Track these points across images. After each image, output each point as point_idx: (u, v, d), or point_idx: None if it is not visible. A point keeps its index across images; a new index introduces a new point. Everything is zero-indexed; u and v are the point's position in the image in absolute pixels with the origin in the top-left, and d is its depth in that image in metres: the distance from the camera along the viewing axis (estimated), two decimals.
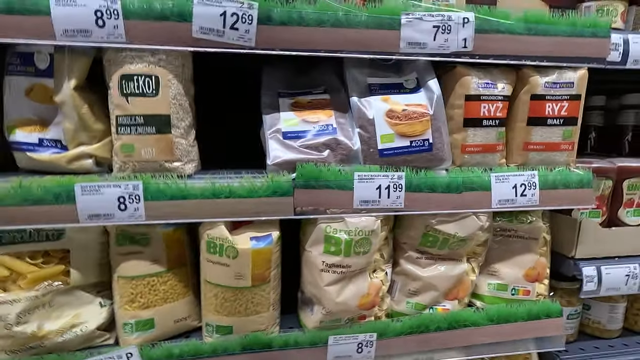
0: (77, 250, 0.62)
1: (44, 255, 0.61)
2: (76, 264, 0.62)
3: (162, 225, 0.64)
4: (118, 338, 0.65)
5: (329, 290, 0.65)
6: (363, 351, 0.71)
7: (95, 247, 0.63)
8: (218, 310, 0.64)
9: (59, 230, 0.60)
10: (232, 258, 0.61)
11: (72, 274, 0.61)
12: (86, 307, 0.63)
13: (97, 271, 0.64)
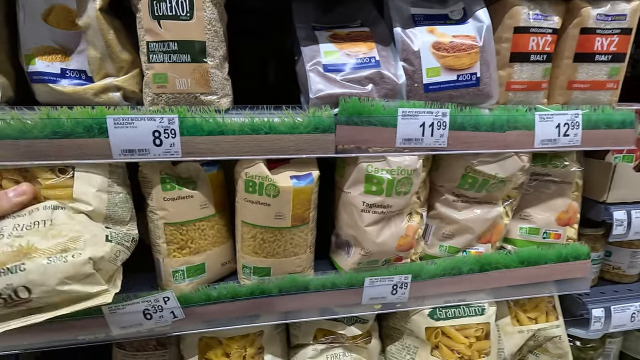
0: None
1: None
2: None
3: (206, 166, 0.61)
4: (163, 287, 0.63)
5: (369, 230, 0.64)
6: (397, 293, 0.71)
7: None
8: (256, 252, 0.63)
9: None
10: (273, 197, 0.58)
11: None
12: (89, 234, 0.52)
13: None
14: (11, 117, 0.49)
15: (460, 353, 0.74)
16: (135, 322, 0.62)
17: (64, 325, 0.60)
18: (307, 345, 0.76)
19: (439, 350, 0.75)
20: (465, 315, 0.75)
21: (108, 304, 0.58)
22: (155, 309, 0.61)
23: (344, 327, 0.75)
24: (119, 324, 0.61)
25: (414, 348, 0.77)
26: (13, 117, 0.50)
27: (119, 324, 0.61)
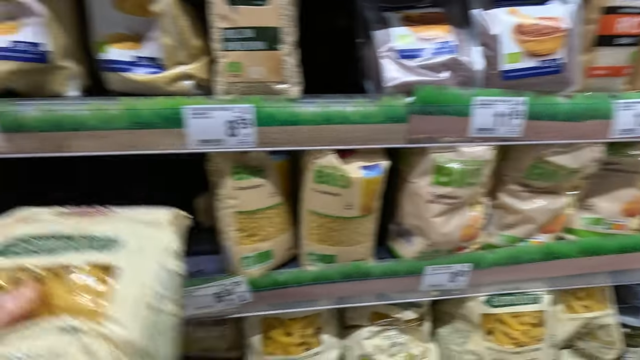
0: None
1: None
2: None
3: (274, 155, 0.61)
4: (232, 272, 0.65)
5: (435, 221, 0.63)
6: (455, 281, 0.72)
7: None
8: (323, 240, 0.64)
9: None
10: (343, 187, 0.58)
11: None
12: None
13: None
14: (96, 108, 0.50)
15: (514, 339, 0.75)
16: (207, 304, 0.65)
17: None
18: (362, 326, 0.78)
19: (492, 336, 0.76)
20: (521, 303, 0.75)
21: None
22: (227, 293, 0.64)
23: (399, 311, 0.76)
24: (192, 305, 0.64)
25: (466, 332, 0.79)
26: (98, 107, 0.50)
27: (193, 305, 0.64)
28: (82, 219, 0.41)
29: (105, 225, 0.39)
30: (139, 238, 0.38)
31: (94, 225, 0.39)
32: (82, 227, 0.38)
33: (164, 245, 0.39)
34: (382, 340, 0.78)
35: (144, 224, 0.40)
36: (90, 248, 0.36)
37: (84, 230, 0.38)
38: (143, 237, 0.38)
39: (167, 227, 0.42)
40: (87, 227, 0.38)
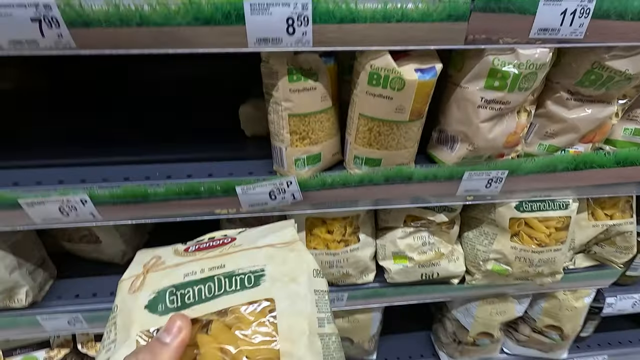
0: None
1: None
2: None
3: (324, 58, 0.61)
4: (284, 173, 0.70)
5: (483, 126, 0.65)
6: (491, 186, 0.76)
7: None
8: (370, 144, 0.67)
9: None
10: (397, 90, 0.59)
11: None
12: None
13: None
14: (157, 3, 0.49)
15: (538, 240, 0.81)
16: (261, 202, 0.71)
17: (205, 202, 0.69)
18: (396, 227, 0.86)
19: (518, 237, 0.82)
20: (549, 209, 0.80)
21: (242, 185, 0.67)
22: (280, 191, 0.69)
23: (433, 214, 0.82)
24: (248, 203, 0.70)
25: (493, 235, 0.85)
26: (158, 2, 0.49)
27: (249, 203, 0.70)
28: (208, 254, 0.39)
29: (239, 259, 0.37)
30: (279, 265, 0.36)
31: (228, 261, 0.37)
32: (217, 266, 0.37)
33: (306, 266, 0.37)
34: (415, 240, 0.85)
35: (276, 248, 0.39)
36: (239, 287, 0.35)
37: (222, 270, 0.36)
38: (283, 263, 0.37)
39: (298, 245, 0.40)
40: (222, 265, 0.37)
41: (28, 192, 0.64)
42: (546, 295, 1.04)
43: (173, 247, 0.42)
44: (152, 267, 0.38)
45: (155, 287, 0.36)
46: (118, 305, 0.36)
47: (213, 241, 0.41)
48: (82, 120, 0.95)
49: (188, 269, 0.37)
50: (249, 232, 0.43)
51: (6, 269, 0.75)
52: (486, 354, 1.15)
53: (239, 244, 0.40)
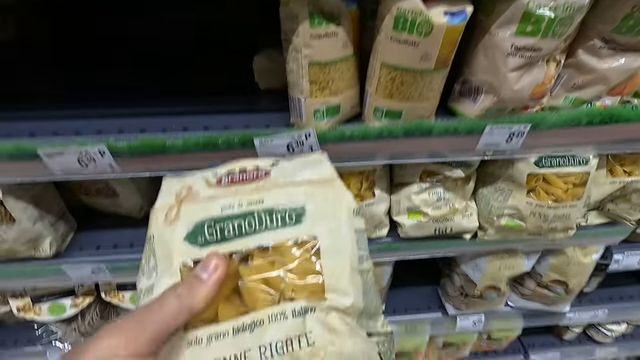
0: None
1: None
2: None
3: (347, 1, 0.57)
4: (302, 125, 0.68)
5: (510, 76, 0.62)
6: (512, 141, 0.74)
7: None
8: (392, 95, 0.65)
9: None
10: (424, 36, 0.56)
11: None
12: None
13: None
14: None
15: (555, 196, 0.81)
16: (279, 154, 0.70)
17: (222, 154, 0.68)
18: (412, 183, 0.85)
19: (534, 193, 0.82)
20: (569, 164, 0.79)
21: (260, 137, 0.66)
22: (298, 144, 0.69)
23: (450, 169, 0.82)
24: (266, 155, 0.70)
25: (509, 191, 0.85)
26: None
27: (266, 155, 0.70)
28: (244, 187, 0.38)
29: (278, 195, 0.37)
30: (320, 203, 0.36)
31: (266, 196, 0.37)
32: (255, 200, 0.36)
33: (346, 205, 0.37)
34: (430, 196, 0.86)
35: (314, 184, 0.38)
36: (280, 223, 0.35)
37: (261, 205, 0.36)
38: (324, 201, 0.37)
39: (337, 183, 0.38)
40: (261, 200, 0.36)
41: (46, 142, 0.63)
42: (555, 251, 1.06)
43: (203, 177, 0.41)
44: (185, 197, 0.38)
45: (192, 219, 0.36)
46: (154, 234, 0.36)
47: (245, 174, 0.40)
48: (92, 72, 0.92)
49: (225, 203, 0.37)
50: (283, 165, 0.42)
51: (29, 219, 0.76)
52: (491, 306, 1.19)
53: (275, 178, 0.39)
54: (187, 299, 0.31)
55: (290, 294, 0.33)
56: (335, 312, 0.32)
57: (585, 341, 1.56)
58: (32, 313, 0.98)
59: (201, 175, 0.41)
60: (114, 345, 0.28)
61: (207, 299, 0.32)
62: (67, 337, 1.06)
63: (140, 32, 1.07)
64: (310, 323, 0.31)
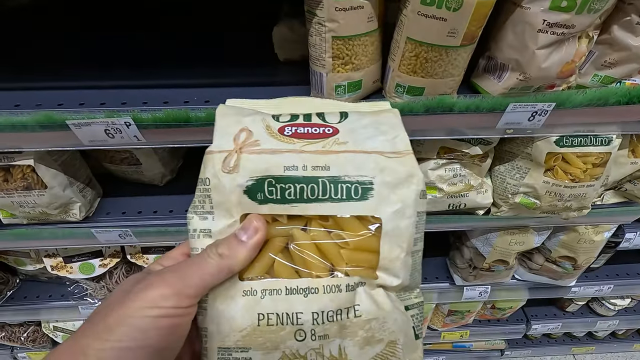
0: None
1: None
2: None
3: None
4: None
5: (539, 54, 0.60)
6: (534, 119, 0.73)
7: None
8: (415, 71, 0.64)
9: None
10: (453, 10, 0.54)
11: None
12: (402, 333, 0.38)
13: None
14: None
15: (573, 175, 0.81)
16: None
17: None
18: (429, 159, 0.86)
19: (552, 172, 0.82)
20: (591, 144, 0.78)
21: None
22: None
23: (468, 146, 0.82)
24: None
25: (526, 169, 0.85)
26: None
27: None
28: (309, 146, 0.36)
29: (345, 162, 0.35)
30: (389, 181, 0.35)
31: (333, 162, 0.35)
32: (321, 166, 0.35)
33: (415, 187, 0.35)
34: (446, 172, 0.86)
35: (386, 158, 0.36)
36: (345, 196, 0.34)
37: (327, 172, 0.34)
38: (393, 177, 0.35)
39: (411, 160, 0.36)
40: (326, 166, 0.35)
41: (75, 113, 0.65)
42: (566, 228, 1.07)
43: (263, 121, 0.37)
44: (244, 145, 0.35)
45: (252, 174, 0.34)
46: (210, 179, 0.34)
47: (313, 127, 0.38)
48: (112, 39, 0.92)
49: (288, 161, 0.35)
50: (352, 124, 0.37)
51: (60, 186, 0.80)
52: (498, 279, 1.23)
53: (343, 140, 0.36)
54: (227, 260, 0.33)
55: (344, 266, 0.34)
56: (382, 289, 0.35)
57: (588, 313, 1.61)
58: (65, 271, 1.05)
59: (261, 117, 0.38)
60: (157, 296, 0.30)
61: (246, 260, 0.33)
62: (97, 294, 1.14)
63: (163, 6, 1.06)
64: (360, 296, 0.33)
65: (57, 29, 1.00)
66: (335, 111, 0.40)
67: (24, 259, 1.10)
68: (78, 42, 0.93)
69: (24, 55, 0.88)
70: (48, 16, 1.05)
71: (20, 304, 1.21)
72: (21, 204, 0.81)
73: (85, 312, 1.21)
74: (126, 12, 1.06)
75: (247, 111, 0.39)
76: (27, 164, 0.75)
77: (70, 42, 0.94)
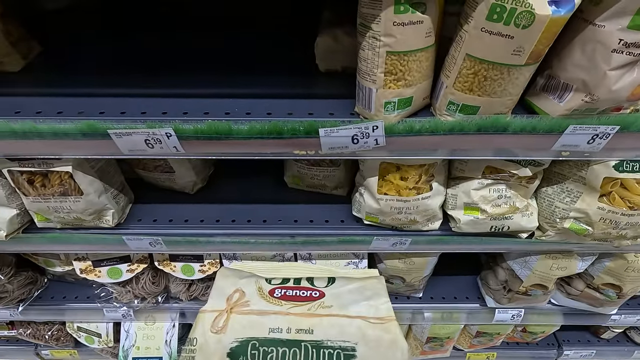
0: None
1: None
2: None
3: None
4: (371, 117, 0.65)
5: (611, 75, 0.56)
6: (594, 142, 0.68)
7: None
8: (472, 89, 0.60)
9: None
10: (522, 28, 0.50)
11: None
12: None
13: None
14: None
15: (631, 203, 0.75)
16: (342, 145, 0.68)
17: (286, 142, 0.67)
18: (473, 178, 0.82)
19: (608, 198, 0.77)
20: None
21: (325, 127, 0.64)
22: (363, 135, 0.66)
23: (517, 167, 0.77)
24: (329, 145, 0.68)
25: (578, 193, 0.80)
26: None
27: (329, 145, 0.68)
28: (296, 309, 0.37)
29: (329, 326, 0.34)
30: (372, 349, 0.33)
31: (317, 326, 0.34)
32: (305, 329, 0.33)
33: (400, 355, 0.34)
34: (490, 193, 0.82)
35: (369, 324, 0.35)
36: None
37: (310, 336, 0.33)
38: (376, 347, 0.33)
39: (393, 327, 0.35)
40: (310, 330, 0.33)
41: (117, 123, 0.64)
42: (613, 255, 1.01)
43: (257, 282, 0.40)
44: (236, 305, 0.37)
45: (238, 335, 0.35)
46: (198, 339, 0.36)
47: (300, 290, 0.39)
48: (150, 47, 0.92)
49: (274, 323, 0.35)
50: (338, 289, 0.39)
51: (96, 192, 0.79)
52: (534, 303, 1.17)
53: (329, 304, 0.37)
54: None
55: None
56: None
57: (625, 342, 1.52)
58: (93, 275, 1.04)
59: (255, 280, 0.40)
60: None
61: None
62: (122, 297, 1.14)
63: (200, 7, 1.05)
64: None
65: (96, 35, 1.01)
66: (324, 276, 0.40)
67: (54, 260, 1.11)
68: (117, 47, 0.93)
69: (64, 60, 0.88)
70: (87, 20, 1.05)
71: (47, 303, 1.22)
72: (57, 209, 0.81)
73: (109, 315, 1.21)
74: (164, 18, 1.05)
75: (244, 274, 0.42)
76: (65, 171, 0.74)
77: (109, 47, 0.94)
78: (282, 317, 0.36)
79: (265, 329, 0.35)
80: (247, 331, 0.35)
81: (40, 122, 0.64)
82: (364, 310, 0.37)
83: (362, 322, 0.36)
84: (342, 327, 0.35)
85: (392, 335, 0.35)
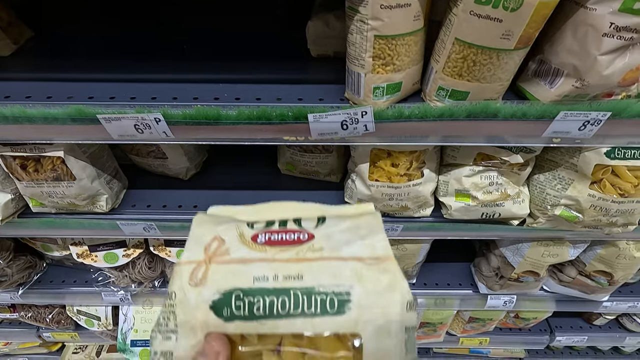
0: None
1: None
2: None
3: None
4: (359, 102, 0.65)
5: (602, 60, 0.55)
6: (585, 129, 0.68)
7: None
8: (461, 74, 0.60)
9: None
10: (510, 11, 0.50)
11: None
12: None
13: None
14: None
15: (622, 190, 0.75)
16: (332, 131, 0.68)
17: (275, 127, 0.67)
18: (464, 165, 0.82)
19: (599, 185, 0.77)
20: None
21: (314, 113, 0.64)
22: (353, 121, 0.66)
23: (508, 154, 0.77)
24: (318, 131, 0.68)
25: (569, 180, 0.80)
26: None
27: (319, 131, 0.68)
28: (282, 254, 0.33)
29: (320, 271, 0.32)
30: (369, 291, 0.31)
31: (306, 270, 0.32)
32: (293, 275, 0.32)
33: (400, 297, 0.32)
34: (481, 180, 0.82)
35: (365, 265, 0.33)
36: (319, 310, 0.31)
37: (300, 282, 0.32)
38: (374, 288, 0.32)
39: (392, 265, 0.33)
40: (299, 275, 0.32)
41: (106, 108, 0.64)
42: (605, 242, 1.01)
43: (238, 228, 0.36)
44: (214, 254, 0.34)
45: (220, 287, 0.32)
46: (176, 292, 0.33)
47: (287, 233, 0.36)
48: (140, 33, 0.91)
49: (258, 271, 0.32)
50: (329, 229, 0.35)
51: (88, 178, 0.80)
52: (526, 289, 1.18)
53: (319, 246, 0.34)
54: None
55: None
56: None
57: (616, 328, 1.54)
58: (90, 259, 1.06)
59: (236, 225, 0.36)
60: None
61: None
62: (119, 282, 1.16)
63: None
64: None
65: (88, 19, 1.00)
66: (314, 216, 0.37)
67: (51, 245, 1.12)
68: (108, 33, 0.92)
69: (55, 45, 0.87)
70: (77, 6, 1.04)
71: (46, 287, 1.24)
72: (50, 194, 0.81)
73: (107, 299, 1.23)
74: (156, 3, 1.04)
75: (223, 219, 0.37)
76: (57, 156, 0.75)
77: (101, 32, 0.93)
78: (268, 264, 0.33)
79: (250, 278, 0.32)
80: (229, 282, 0.32)
81: (30, 107, 0.64)
82: (359, 251, 0.33)
83: (356, 264, 0.33)
84: (334, 270, 0.32)
85: (390, 275, 0.32)
